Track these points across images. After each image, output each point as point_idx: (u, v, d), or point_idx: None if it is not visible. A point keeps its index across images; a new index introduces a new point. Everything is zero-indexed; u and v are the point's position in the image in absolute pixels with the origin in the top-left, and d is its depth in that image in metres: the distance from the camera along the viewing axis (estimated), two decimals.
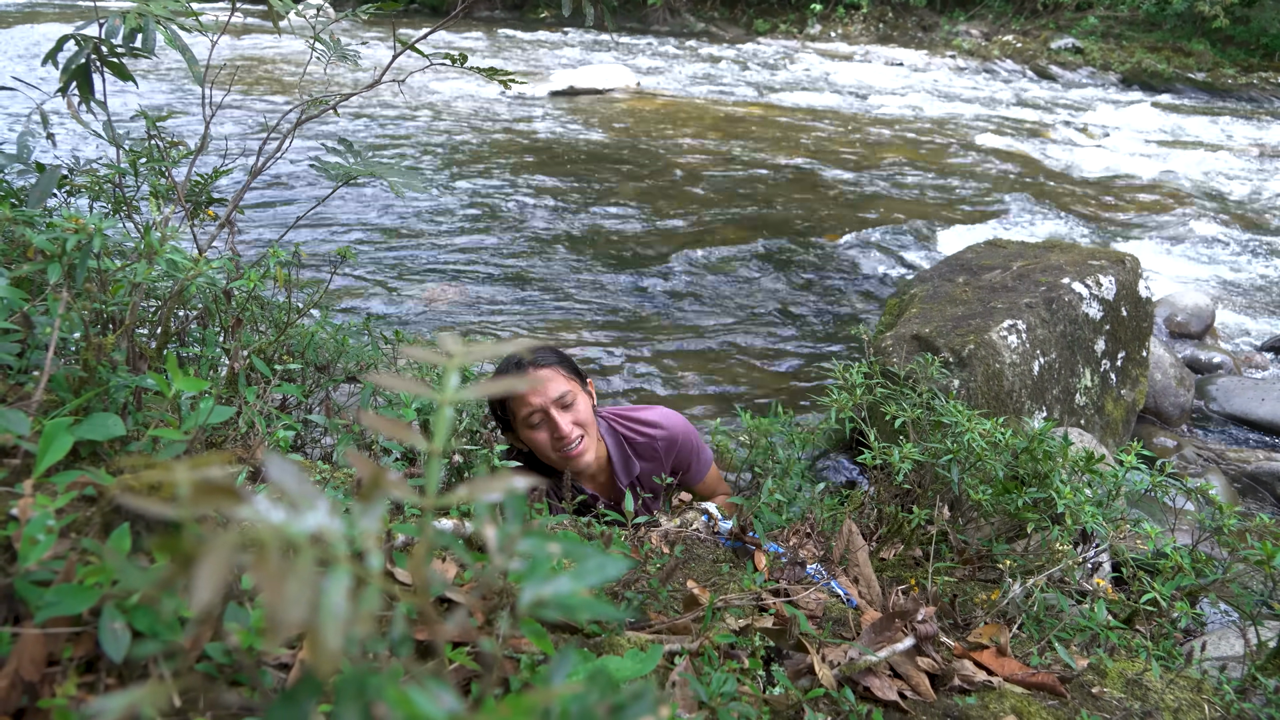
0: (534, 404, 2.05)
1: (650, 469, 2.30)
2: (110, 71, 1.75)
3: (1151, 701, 1.44)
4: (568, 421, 2.06)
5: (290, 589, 0.30)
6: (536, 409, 2.05)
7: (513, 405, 2.08)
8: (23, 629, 0.82)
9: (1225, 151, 11.12)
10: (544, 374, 2.07)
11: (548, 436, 2.07)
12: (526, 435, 2.10)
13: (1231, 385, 4.67)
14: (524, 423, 2.08)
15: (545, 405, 2.05)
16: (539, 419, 2.07)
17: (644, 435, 2.27)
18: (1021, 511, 1.83)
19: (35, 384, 1.22)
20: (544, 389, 2.05)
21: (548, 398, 2.05)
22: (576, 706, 0.35)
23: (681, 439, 2.30)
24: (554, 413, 2.05)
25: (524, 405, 2.06)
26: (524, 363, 2.09)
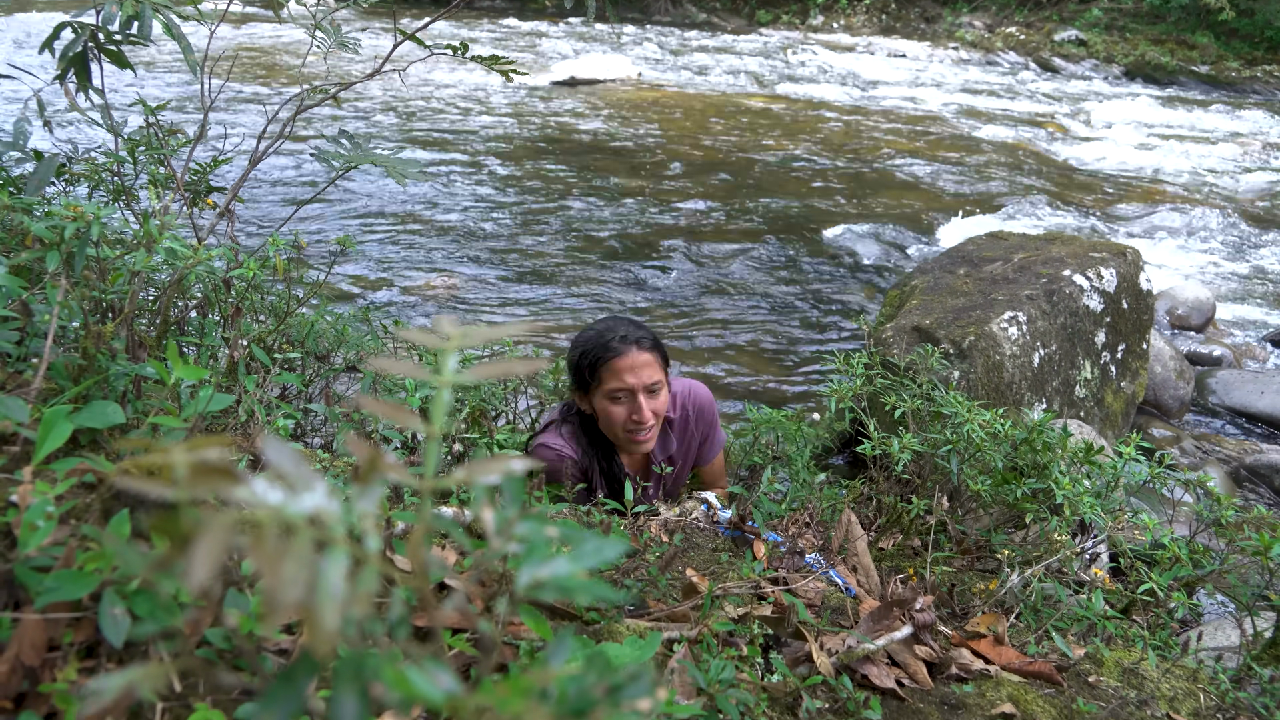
0: (627, 383, 2.05)
1: (680, 450, 2.33)
2: (108, 59, 1.74)
3: (1147, 690, 1.44)
4: (649, 408, 2.07)
5: (288, 570, 0.30)
6: (627, 387, 2.05)
7: (603, 374, 2.06)
8: (23, 614, 0.82)
9: (1228, 145, 11.09)
10: (645, 358, 2.07)
11: (625, 415, 2.07)
12: (603, 405, 2.09)
13: (1231, 378, 4.68)
14: (608, 394, 2.07)
15: (637, 387, 2.05)
16: (625, 397, 2.07)
17: (677, 407, 2.30)
18: (1020, 502, 1.83)
19: (34, 371, 1.22)
20: (641, 372, 2.05)
21: (641, 381, 2.05)
22: (574, 688, 0.35)
23: (708, 407, 2.34)
24: (641, 397, 2.06)
25: (616, 380, 2.05)
26: (629, 336, 2.08)
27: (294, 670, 0.32)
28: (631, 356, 2.05)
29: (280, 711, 0.31)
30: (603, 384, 2.07)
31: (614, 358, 2.04)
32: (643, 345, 2.08)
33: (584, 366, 2.09)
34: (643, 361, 2.06)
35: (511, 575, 1.04)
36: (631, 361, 2.04)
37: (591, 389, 2.11)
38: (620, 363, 2.04)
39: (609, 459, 2.21)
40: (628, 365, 2.04)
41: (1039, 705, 1.32)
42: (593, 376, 2.08)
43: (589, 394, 2.13)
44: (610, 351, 2.05)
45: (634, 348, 2.06)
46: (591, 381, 2.09)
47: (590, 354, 2.07)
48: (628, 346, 2.05)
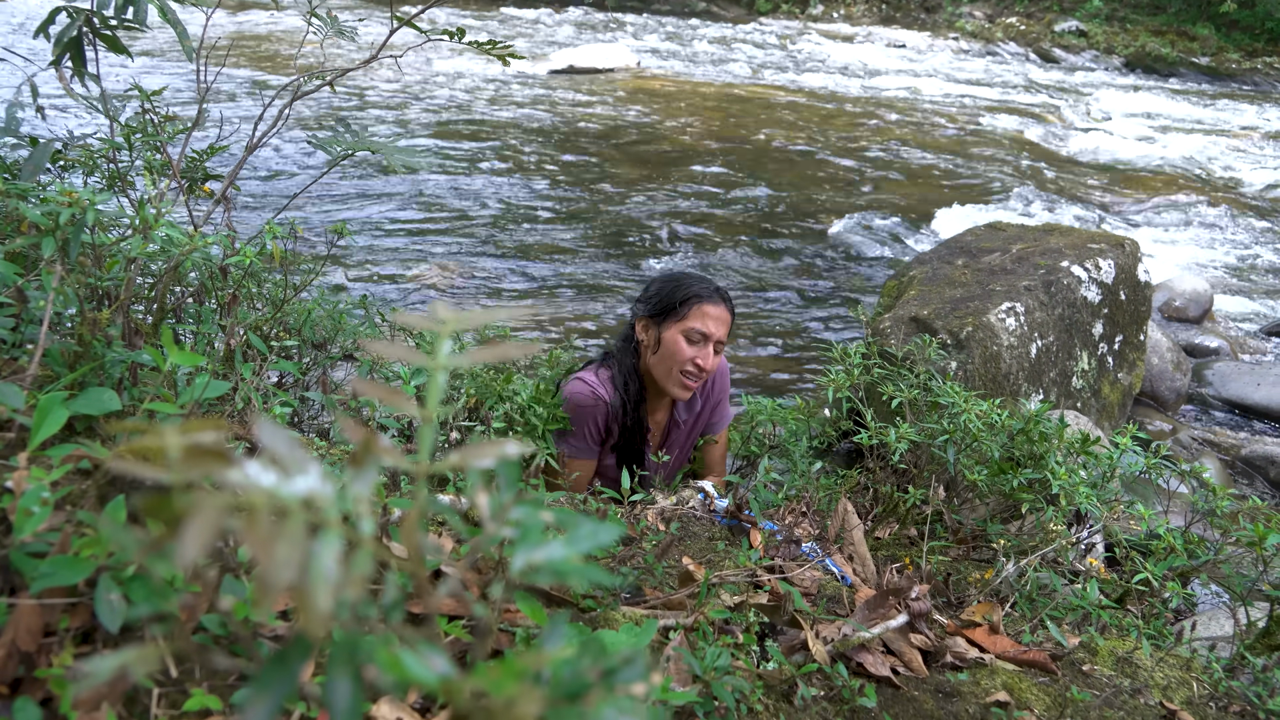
0: (709, 329, 2.18)
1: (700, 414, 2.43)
2: (104, 45, 1.73)
3: (1141, 679, 1.45)
4: (711, 359, 2.19)
5: (281, 551, 0.30)
6: (707, 333, 2.18)
7: (690, 312, 2.18)
8: (19, 600, 0.82)
9: (1227, 136, 11.08)
10: (728, 317, 2.22)
11: (690, 356, 2.17)
12: (674, 338, 2.18)
13: (1228, 370, 4.68)
14: (685, 332, 2.18)
15: (711, 335, 2.18)
16: (699, 340, 2.18)
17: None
18: (1016, 492, 1.83)
19: (30, 358, 1.22)
20: (721, 327, 2.20)
21: (718, 334, 2.19)
22: (568, 671, 0.35)
23: (725, 373, 2.46)
24: (710, 346, 2.19)
25: (700, 321, 2.17)
26: (722, 293, 2.23)
27: (288, 653, 0.32)
28: (721, 310, 2.20)
29: (274, 693, 0.31)
30: (686, 320, 2.18)
31: (708, 303, 2.18)
32: (728, 306, 2.23)
33: (677, 297, 2.19)
34: (725, 317, 2.21)
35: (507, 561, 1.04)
36: (720, 312, 2.19)
37: (669, 320, 2.20)
38: (712, 308, 2.18)
39: (636, 409, 2.27)
40: (716, 313, 2.18)
41: (1033, 693, 1.33)
42: (681, 308, 2.18)
43: (663, 323, 2.22)
44: (708, 295, 2.19)
45: (724, 303, 2.22)
46: (675, 313, 2.19)
47: (688, 289, 2.20)
48: (720, 301, 2.20)
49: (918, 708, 1.22)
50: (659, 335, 2.21)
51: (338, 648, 0.32)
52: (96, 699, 0.80)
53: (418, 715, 0.92)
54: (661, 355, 2.20)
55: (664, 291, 2.22)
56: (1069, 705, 1.28)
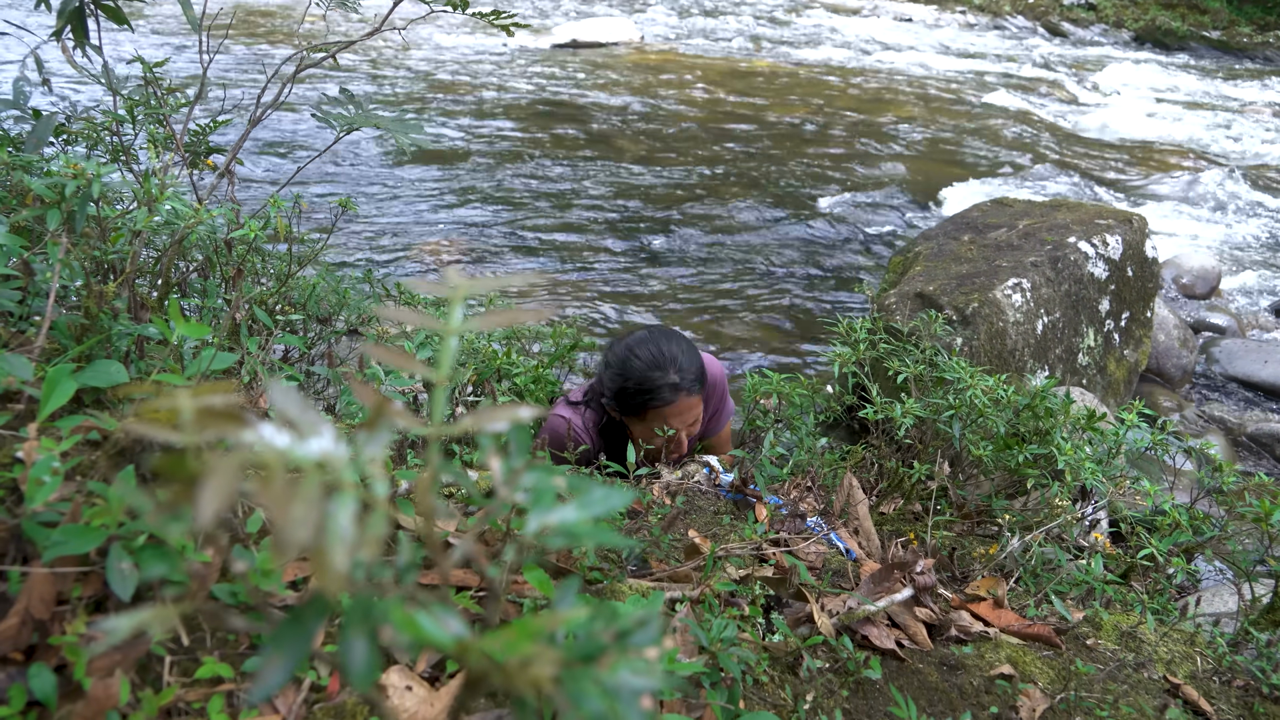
0: (671, 424, 2.02)
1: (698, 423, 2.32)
2: (105, 15, 1.72)
3: (1145, 654, 1.46)
4: (687, 440, 2.07)
5: (297, 510, 0.30)
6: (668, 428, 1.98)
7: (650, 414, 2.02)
8: (32, 569, 0.83)
9: (1237, 112, 10.97)
10: (692, 402, 2.04)
11: (661, 444, 2.02)
12: (641, 430, 2.06)
13: (1235, 347, 4.67)
14: (648, 428, 2.03)
15: (680, 429, 2.04)
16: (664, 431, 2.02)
17: None
18: (1022, 468, 1.83)
19: (37, 331, 1.22)
20: (687, 415, 2.03)
21: (685, 423, 2.04)
22: (582, 633, 0.35)
23: (719, 381, 2.32)
24: (683, 433, 2.06)
25: (661, 421, 2.01)
26: (681, 386, 2.01)
27: (303, 612, 0.32)
28: (682, 403, 2.01)
29: (289, 653, 0.31)
30: (646, 420, 2.04)
31: (665, 405, 2.00)
32: (693, 392, 2.04)
33: (634, 401, 2.03)
34: (690, 406, 2.03)
35: (515, 534, 1.04)
36: (680, 408, 2.02)
37: (629, 417, 2.08)
38: (670, 410, 2.01)
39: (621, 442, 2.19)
40: (676, 412, 2.02)
41: (1037, 667, 1.33)
42: (636, 410, 2.04)
43: (624, 415, 2.09)
44: (662, 400, 2.00)
45: (684, 395, 2.02)
46: (632, 414, 2.05)
47: (641, 393, 2.01)
48: (679, 395, 2.01)
49: (922, 680, 1.23)
50: (625, 421, 2.10)
51: (353, 608, 0.32)
52: (110, 666, 0.81)
53: (427, 684, 0.93)
54: (636, 435, 2.09)
55: (621, 388, 2.04)
56: (1073, 679, 1.28)
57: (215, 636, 0.91)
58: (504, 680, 0.33)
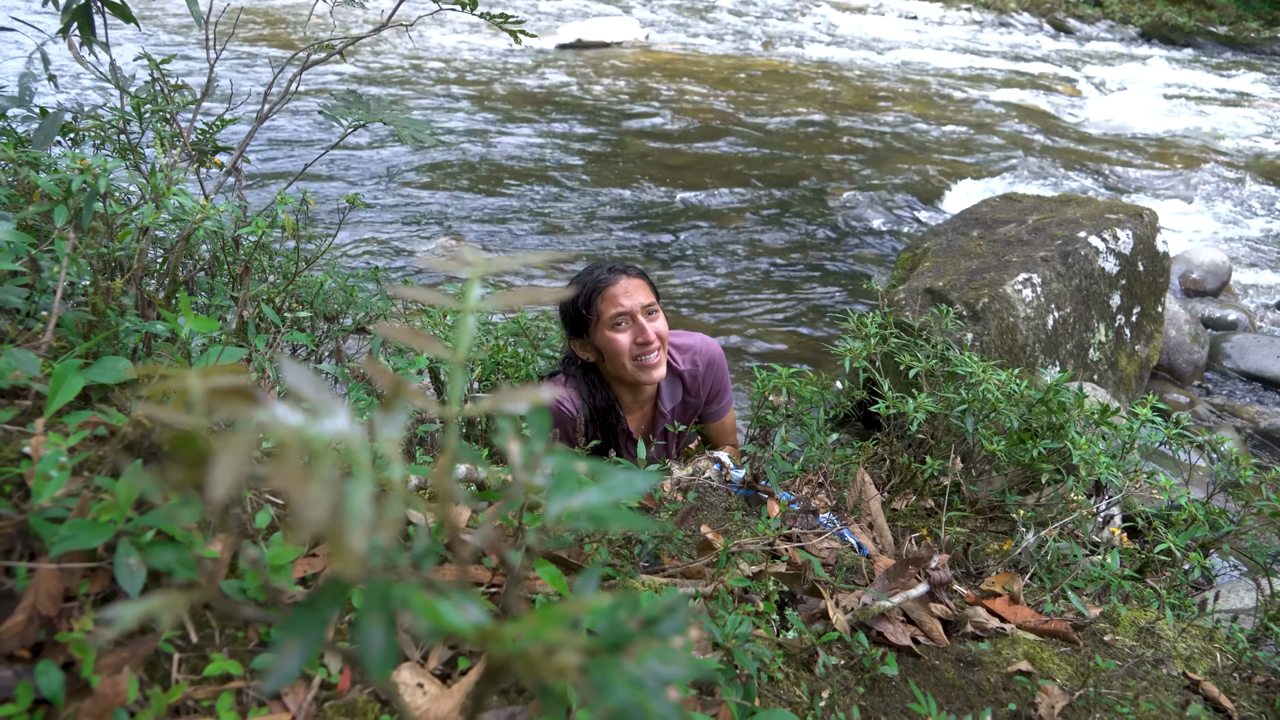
0: (624, 306, 2.09)
1: (691, 402, 2.34)
2: (111, 12, 1.71)
3: (1164, 650, 1.44)
4: (651, 328, 2.11)
5: (313, 489, 0.29)
6: (626, 311, 2.09)
7: (600, 306, 2.10)
8: (39, 564, 0.82)
9: (1246, 107, 10.91)
10: (635, 283, 2.13)
11: (630, 341, 2.10)
12: (606, 337, 2.12)
13: (1247, 342, 4.63)
14: (608, 323, 2.10)
15: (634, 310, 2.09)
16: (626, 322, 2.11)
17: (687, 359, 2.31)
18: (1036, 462, 1.82)
19: (44, 327, 1.21)
20: (636, 295, 2.10)
21: (638, 302, 2.10)
22: (607, 620, 0.34)
23: (718, 362, 2.35)
24: (640, 318, 2.10)
25: (613, 306, 2.09)
26: (615, 268, 2.13)
27: (319, 596, 0.30)
28: (624, 282, 2.10)
29: (304, 639, 0.30)
30: (602, 316, 2.11)
31: (607, 286, 2.09)
32: (630, 273, 2.14)
33: (580, 305, 2.12)
34: (634, 286, 2.11)
35: (526, 529, 1.02)
36: (624, 287, 2.10)
37: (591, 328, 2.14)
38: (614, 289, 2.09)
39: (612, 417, 2.21)
40: (622, 290, 2.09)
41: (1055, 663, 1.32)
42: (590, 311, 2.11)
43: (589, 334, 2.15)
44: (602, 282, 2.10)
45: (623, 275, 2.12)
46: (590, 318, 2.12)
47: (584, 291, 2.11)
48: (617, 275, 2.11)
49: (939, 677, 1.21)
50: (595, 345, 2.15)
51: (370, 593, 0.31)
52: (118, 663, 0.80)
53: (439, 681, 0.92)
54: (609, 355, 2.14)
55: (569, 308, 2.15)
56: (1092, 675, 1.27)
57: (224, 634, 0.90)
58: (527, 669, 0.31)
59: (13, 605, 0.80)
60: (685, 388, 2.32)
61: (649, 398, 2.29)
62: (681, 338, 2.34)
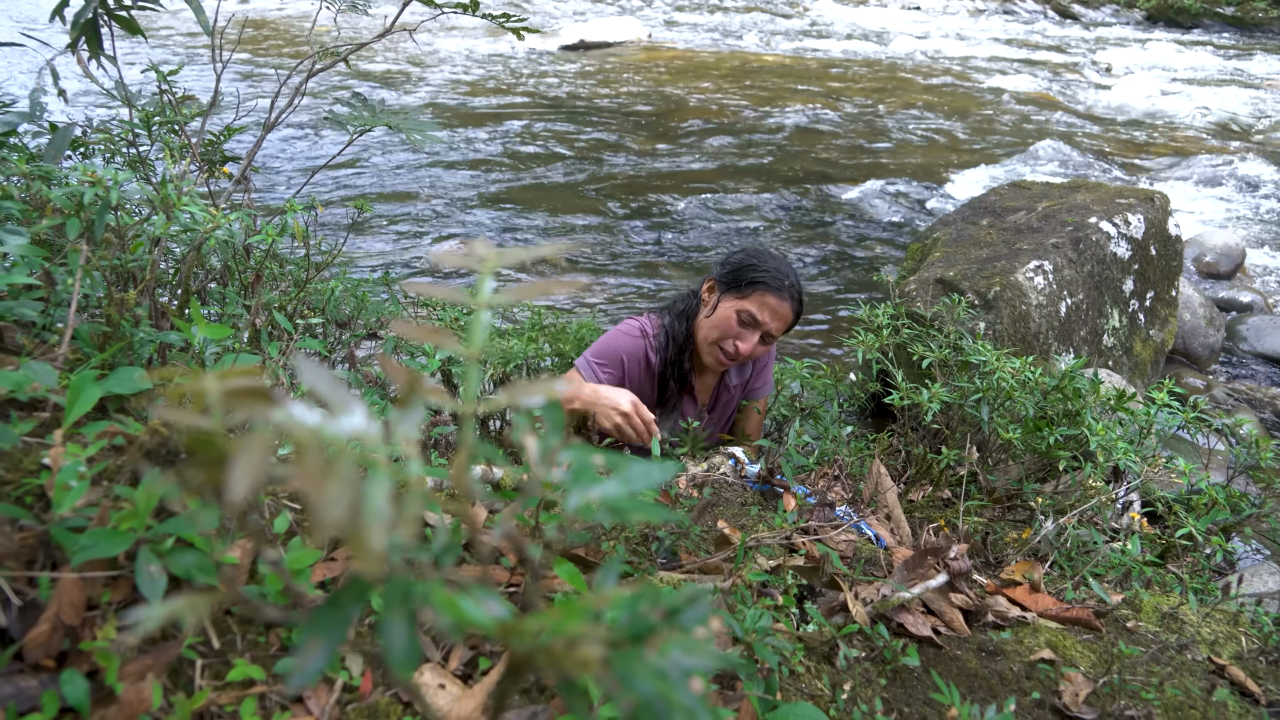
0: (763, 318, 2.13)
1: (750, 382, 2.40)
2: (119, 25, 1.72)
3: (1188, 635, 1.43)
4: (752, 346, 2.15)
5: (332, 488, 0.29)
6: (758, 320, 2.12)
7: (751, 293, 2.13)
8: (61, 574, 0.83)
9: (1254, 88, 10.81)
10: (787, 312, 2.15)
11: (733, 336, 2.14)
12: (728, 312, 2.15)
13: (1263, 324, 4.59)
14: (739, 310, 2.13)
15: (765, 326, 2.14)
16: (750, 323, 2.14)
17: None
18: (1053, 450, 1.80)
19: (59, 339, 1.22)
20: (776, 320, 2.14)
21: (770, 325, 2.14)
22: (628, 612, 0.33)
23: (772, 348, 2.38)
24: (756, 335, 2.15)
25: (759, 308, 2.13)
26: (794, 285, 2.17)
27: (341, 595, 0.30)
28: (785, 304, 2.13)
29: (328, 638, 0.30)
30: (745, 300, 2.14)
31: (772, 293, 2.12)
32: (794, 304, 2.16)
33: (746, 275, 2.14)
34: (785, 313, 2.15)
35: (543, 528, 1.02)
36: (781, 307, 2.13)
37: (732, 292, 2.16)
38: (774, 299, 2.12)
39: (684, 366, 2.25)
40: (776, 305, 2.13)
41: (1078, 650, 1.31)
42: (747, 288, 2.14)
43: (726, 292, 2.18)
44: (774, 285, 2.12)
45: (790, 300, 2.14)
46: (740, 289, 2.15)
47: (760, 271, 2.14)
48: (786, 294, 2.13)
49: (961, 667, 1.21)
50: (718, 302, 2.19)
51: (391, 590, 0.31)
52: (142, 670, 0.80)
53: (460, 682, 0.92)
54: (713, 321, 2.18)
55: (740, 264, 2.18)
56: (1115, 661, 1.26)
57: (246, 639, 0.91)
58: (549, 662, 0.31)
59: (36, 615, 0.81)
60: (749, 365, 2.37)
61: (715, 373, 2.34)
62: None
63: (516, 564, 1.08)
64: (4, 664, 0.77)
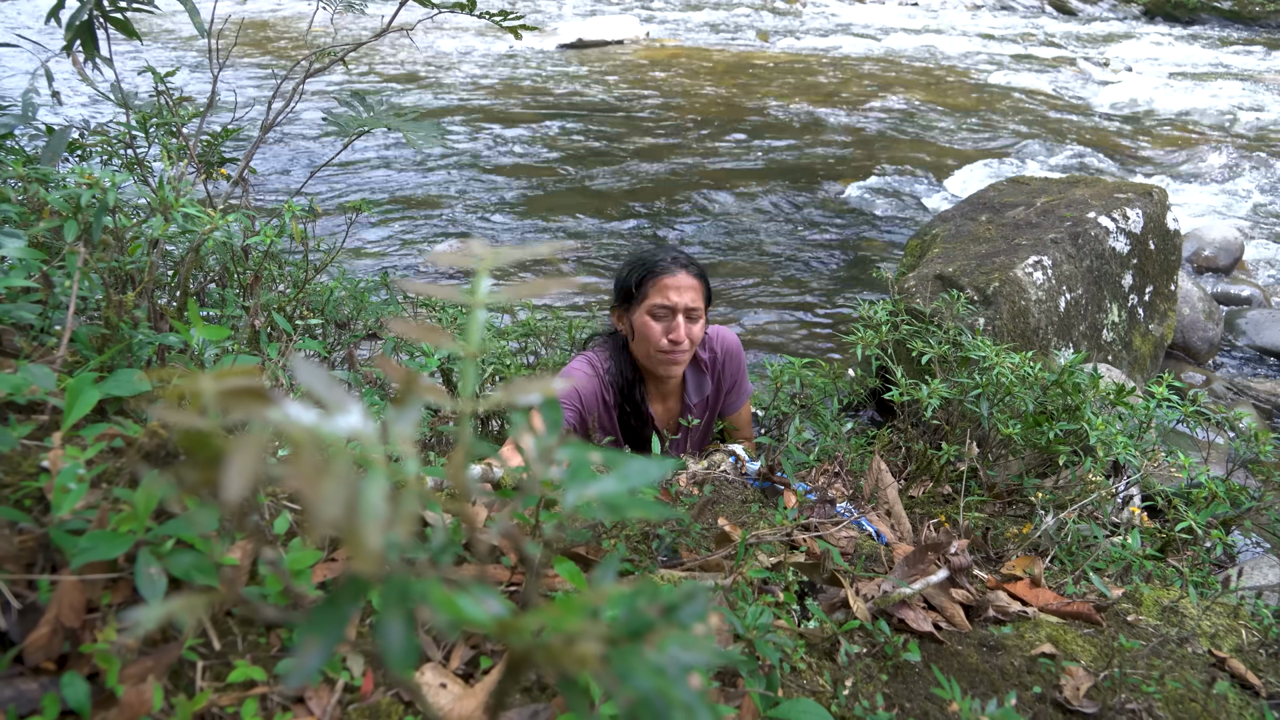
0: (670, 300, 2.10)
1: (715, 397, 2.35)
2: (114, 27, 1.72)
3: (1188, 628, 1.43)
4: (685, 330, 2.11)
5: (328, 487, 0.29)
6: (670, 305, 2.10)
7: (649, 289, 2.11)
8: (61, 577, 0.83)
9: (1253, 82, 10.80)
10: (690, 281, 2.12)
11: (662, 333, 2.11)
12: (643, 320, 2.12)
13: (1262, 318, 4.59)
14: (650, 308, 2.11)
15: (679, 307, 2.10)
16: (666, 315, 2.11)
17: (706, 348, 2.31)
18: (1053, 445, 1.80)
19: (58, 342, 1.22)
20: (685, 293, 2.10)
21: (684, 301, 2.10)
22: (627, 608, 0.33)
23: (735, 350, 2.35)
24: (680, 318, 2.11)
25: (660, 295, 2.10)
26: (679, 259, 2.13)
27: (339, 595, 0.30)
28: (679, 277, 2.10)
29: (326, 637, 0.30)
30: (647, 298, 2.11)
31: (663, 274, 2.09)
32: (690, 270, 2.13)
33: (632, 280, 2.13)
34: (688, 284, 2.11)
35: (542, 526, 1.02)
36: (678, 281, 2.10)
37: (634, 304, 2.14)
38: (668, 279, 2.09)
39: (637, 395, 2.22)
40: (674, 284, 2.09)
41: (1079, 645, 1.31)
42: (639, 289, 2.12)
43: (630, 310, 2.16)
44: (660, 267, 2.10)
45: (683, 270, 2.11)
46: (636, 295, 2.13)
47: (641, 268, 2.12)
48: (677, 267, 2.10)
49: (963, 662, 1.21)
50: (630, 322, 2.16)
51: (389, 589, 0.31)
52: (142, 672, 0.80)
53: (461, 681, 0.92)
54: (639, 338, 2.15)
55: (623, 276, 2.17)
56: (1116, 655, 1.26)
57: (246, 640, 0.91)
58: (549, 660, 0.31)
59: (36, 618, 0.81)
60: (709, 377, 2.33)
61: (674, 389, 2.29)
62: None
63: (516, 563, 1.08)
64: (4, 667, 0.77)
